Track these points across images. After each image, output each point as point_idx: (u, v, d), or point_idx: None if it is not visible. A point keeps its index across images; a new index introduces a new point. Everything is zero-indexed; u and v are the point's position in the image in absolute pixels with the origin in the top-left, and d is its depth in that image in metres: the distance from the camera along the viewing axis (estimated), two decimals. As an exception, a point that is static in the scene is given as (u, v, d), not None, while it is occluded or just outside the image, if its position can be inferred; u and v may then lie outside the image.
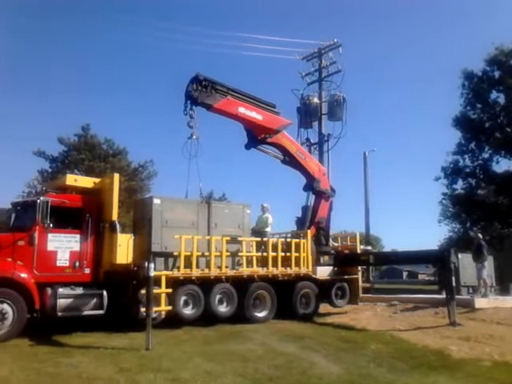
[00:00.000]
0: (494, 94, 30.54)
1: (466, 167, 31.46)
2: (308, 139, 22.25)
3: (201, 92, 12.88)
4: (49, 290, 10.21)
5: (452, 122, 31.07)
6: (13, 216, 11.18)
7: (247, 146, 14.78)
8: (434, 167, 42.59)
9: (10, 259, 10.05)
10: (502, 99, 30.19)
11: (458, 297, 13.25)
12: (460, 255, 16.62)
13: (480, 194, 30.97)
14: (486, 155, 31.11)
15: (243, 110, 13.62)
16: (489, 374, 7.51)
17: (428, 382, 6.92)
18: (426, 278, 51.31)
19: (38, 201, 10.44)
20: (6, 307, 9.56)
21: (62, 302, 10.22)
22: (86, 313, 10.59)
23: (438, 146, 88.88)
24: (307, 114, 22.39)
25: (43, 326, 10.56)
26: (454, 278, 12.33)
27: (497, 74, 29.73)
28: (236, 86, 13.77)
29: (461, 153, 31.44)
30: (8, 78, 58.32)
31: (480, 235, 16.87)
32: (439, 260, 13.45)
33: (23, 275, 10.01)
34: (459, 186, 31.92)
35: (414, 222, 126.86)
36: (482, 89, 30.16)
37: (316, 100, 23.05)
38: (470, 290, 16.66)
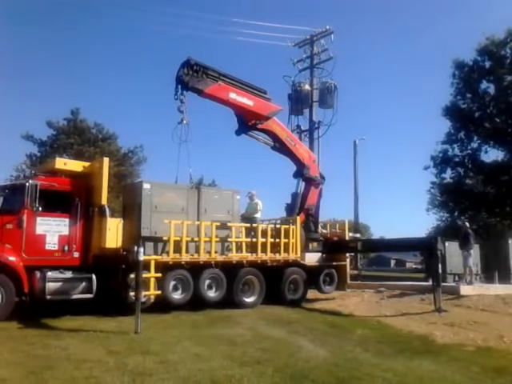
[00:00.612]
0: (484, 84, 30.79)
1: (454, 156, 31.72)
2: (298, 126, 22.27)
3: (192, 77, 12.80)
4: (37, 274, 10.20)
5: (442, 111, 31.28)
6: (1, 199, 11.11)
7: (238, 132, 14.77)
8: (424, 156, 42.89)
9: (-2, 242, 10.02)
10: (491, 89, 30.42)
11: (443, 284, 13.47)
12: (447, 243, 16.87)
13: (468, 183, 31.30)
14: (474, 145, 31.42)
15: (234, 96, 13.58)
16: (472, 358, 7.68)
17: (412, 366, 7.05)
18: (414, 266, 51.96)
19: (27, 184, 10.39)
20: (-6, 290, 9.56)
21: (50, 286, 10.22)
22: (75, 296, 10.61)
23: (428, 136, 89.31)
24: (298, 101, 22.38)
25: (32, 309, 10.55)
26: (440, 266, 12.50)
27: (487, 64, 29.90)
28: (227, 72, 13.73)
29: (450, 142, 31.68)
30: (-4, 59, 57.45)
31: (467, 224, 17.09)
32: (426, 247, 13.65)
33: (11, 258, 10.00)
34: (448, 175, 32.26)
35: (403, 211, 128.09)
36: (473, 79, 30.30)
37: (307, 87, 23.03)
38: (456, 278, 16.94)
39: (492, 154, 30.97)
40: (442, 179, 32.50)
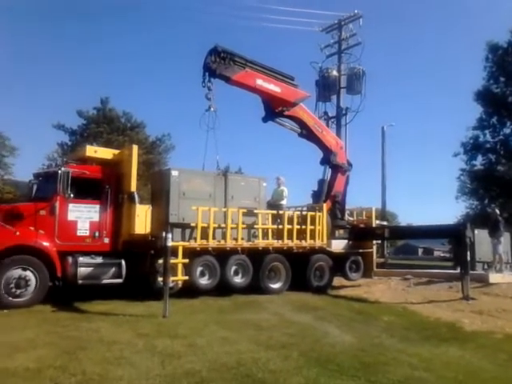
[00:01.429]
0: (519, 67, 29.85)
1: (486, 143, 31.06)
2: (326, 113, 22.17)
3: (219, 64, 12.83)
4: (70, 259, 10.52)
5: (474, 96, 30.57)
6: (34, 186, 11.46)
7: (264, 119, 14.77)
8: (454, 143, 42.03)
9: (32, 228, 10.36)
10: (526, 72, 29.50)
11: (472, 272, 13.28)
12: (476, 231, 16.54)
13: (499, 170, 30.56)
14: (507, 130, 30.69)
15: (261, 82, 13.57)
16: (499, 345, 7.63)
17: (438, 352, 7.04)
18: (442, 255, 51.22)
19: (59, 171, 10.68)
20: (30, 274, 9.92)
21: (82, 271, 10.53)
22: (105, 281, 10.89)
23: (459, 122, 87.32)
24: (325, 87, 22.25)
25: (65, 293, 10.89)
26: (468, 253, 12.32)
27: (523, 45, 29.01)
28: (254, 58, 13.72)
29: (481, 128, 31.01)
30: (27, 50, 58.65)
31: (497, 211, 16.75)
32: (455, 234, 13.46)
33: (45, 244, 10.33)
34: (478, 161, 31.64)
35: (431, 199, 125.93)
36: (507, 62, 29.49)
37: (335, 73, 22.84)
38: (485, 266, 16.64)
39: (525, 140, 30.19)
40: (472, 166, 31.92)
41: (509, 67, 29.64)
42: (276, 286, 12.88)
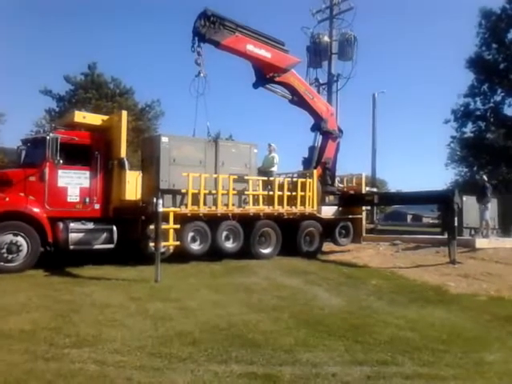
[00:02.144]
0: (511, 34, 29.65)
1: (476, 110, 31.09)
2: (317, 79, 21.93)
3: (209, 28, 12.58)
4: (60, 225, 10.52)
5: (466, 63, 30.43)
6: (23, 153, 11.36)
7: (255, 85, 14.61)
8: (444, 110, 42.04)
9: (22, 194, 10.33)
10: (519, 39, 29.34)
11: (459, 237, 13.52)
12: (464, 197, 16.78)
13: (489, 137, 30.76)
14: (498, 98, 30.73)
15: (252, 48, 13.36)
16: (484, 307, 7.86)
17: (424, 314, 7.25)
18: (430, 221, 51.81)
19: (48, 137, 10.56)
20: (21, 240, 9.95)
21: (73, 236, 10.56)
22: (96, 247, 10.94)
23: (450, 89, 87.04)
24: (317, 53, 21.96)
25: (56, 259, 10.96)
26: (456, 219, 12.51)
27: (516, 11, 28.73)
28: (245, 23, 13.47)
29: (472, 95, 30.98)
30: (12, 15, 56.99)
31: (485, 177, 16.96)
32: (443, 200, 13.64)
33: (35, 209, 10.31)
34: (468, 129, 31.72)
35: (421, 166, 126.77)
36: (500, 28, 29.27)
37: (326, 39, 22.52)
38: (472, 232, 16.94)
39: (516, 108, 30.24)
40: (462, 133, 32.03)
41: (501, 33, 29.45)
42: (267, 251, 13.05)
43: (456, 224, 12.51)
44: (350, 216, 15.07)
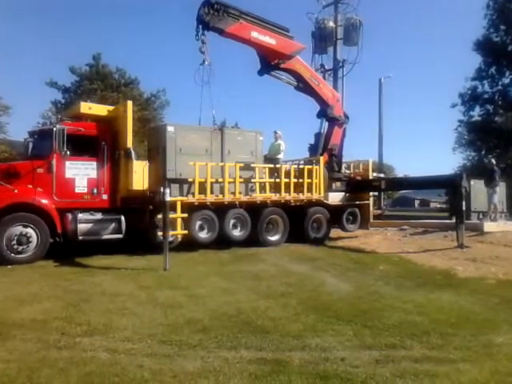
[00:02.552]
0: (519, 15, 29.22)
1: (484, 93, 30.77)
2: (322, 65, 21.73)
3: (213, 16, 12.51)
4: (69, 216, 10.62)
5: (473, 45, 30.06)
6: (30, 145, 11.42)
7: (260, 72, 14.55)
8: (452, 94, 41.64)
9: (30, 186, 10.41)
10: (527, 20, 28.89)
11: (467, 221, 13.48)
12: (472, 181, 16.69)
13: (497, 121, 30.42)
14: (506, 80, 30.37)
15: (256, 35, 13.28)
16: (492, 290, 7.85)
17: (432, 298, 7.25)
18: (438, 206, 51.54)
19: (55, 129, 10.61)
20: (30, 231, 10.06)
21: (82, 227, 10.66)
22: (105, 237, 11.05)
23: (457, 73, 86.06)
24: (322, 39, 21.76)
25: (66, 249, 11.06)
26: (464, 203, 12.47)
27: (525, -9, 28.29)
28: (249, 10, 13.37)
29: (480, 78, 30.63)
30: (16, 7, 56.86)
31: (493, 161, 16.83)
32: (451, 184, 13.58)
33: (44, 201, 10.40)
34: (476, 112, 31.40)
35: (429, 151, 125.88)
36: (508, 9, 28.83)
37: (331, 24, 22.28)
38: (480, 216, 16.85)
39: (524, 90, 29.92)
40: (470, 117, 31.72)
41: (510, 15, 28.98)
42: (274, 238, 13.09)
43: (464, 208, 12.49)
44: (357, 202, 15.07)
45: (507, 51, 29.28)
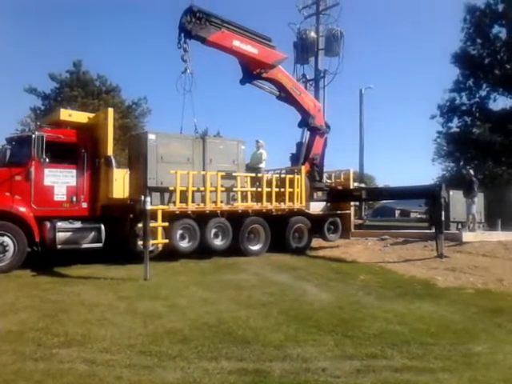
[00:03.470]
0: (495, 29, 30.09)
1: (462, 105, 31.33)
2: (304, 75, 21.89)
3: (195, 24, 12.52)
4: (48, 224, 10.41)
5: (451, 58, 30.65)
6: (8, 152, 11.19)
7: (242, 81, 14.59)
8: (431, 105, 42.34)
9: (8, 194, 10.20)
10: (503, 34, 29.67)
11: (446, 231, 13.64)
12: (451, 192, 16.91)
13: (475, 132, 30.98)
14: (483, 93, 30.96)
15: (238, 44, 13.34)
16: (471, 300, 7.95)
17: (413, 308, 7.31)
18: (418, 216, 52.23)
19: (33, 136, 10.42)
20: (7, 240, 9.84)
21: (61, 236, 10.46)
22: (84, 246, 10.84)
23: (436, 84, 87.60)
24: (304, 49, 21.93)
25: (44, 258, 10.86)
26: (443, 213, 12.62)
27: (500, 7, 29.08)
28: (231, 19, 13.43)
29: (458, 90, 31.20)
30: (-6, 10, 56.11)
31: (471, 171, 17.12)
32: (430, 195, 13.76)
33: (22, 209, 10.20)
34: (454, 124, 31.96)
35: (409, 162, 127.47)
36: (484, 23, 29.50)
37: (313, 34, 22.49)
38: (459, 226, 17.10)
39: (500, 102, 30.60)
40: (448, 128, 32.26)
41: (486, 29, 29.69)
42: (256, 247, 13.05)
43: (443, 218, 12.63)
44: (339, 212, 15.13)
45: (484, 64, 29.93)
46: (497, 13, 29.12)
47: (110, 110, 11.45)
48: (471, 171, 17.22)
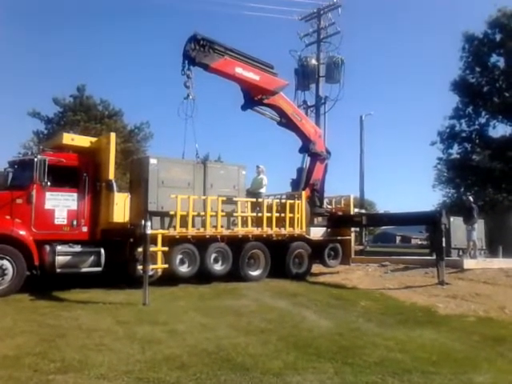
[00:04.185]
0: (494, 58, 30.47)
1: (462, 132, 31.54)
2: (305, 101, 22.26)
3: (198, 52, 12.75)
4: (47, 248, 10.38)
5: (450, 86, 30.99)
6: (10, 175, 11.26)
7: (244, 107, 14.76)
8: (431, 132, 42.62)
9: (8, 217, 10.20)
10: (501, 63, 30.07)
11: (447, 258, 13.59)
12: (452, 218, 16.92)
13: (475, 159, 31.10)
14: (482, 120, 31.20)
15: (240, 71, 13.54)
16: (472, 328, 7.87)
17: (414, 335, 7.23)
18: (419, 243, 52.04)
19: (36, 159, 10.49)
20: (6, 263, 9.79)
21: (60, 259, 10.42)
22: (84, 270, 10.80)
23: (436, 111, 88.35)
24: (305, 76, 22.32)
25: (43, 282, 10.79)
26: (444, 240, 12.59)
27: (498, 36, 29.49)
28: (234, 46, 13.66)
29: (457, 117, 31.46)
30: (2, 37, 57.17)
31: (471, 198, 17.14)
32: (431, 221, 13.74)
33: (22, 232, 10.19)
34: (455, 150, 32.11)
35: (409, 188, 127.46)
36: (482, 52, 29.92)
37: (314, 62, 22.92)
38: (460, 252, 17.03)
39: (500, 130, 30.82)
40: (448, 155, 32.39)
41: (484, 57, 30.10)
42: (256, 273, 12.98)
43: (444, 245, 12.60)
44: (339, 237, 15.09)
45: (483, 92, 30.25)
46: (494, 42, 29.57)
47: (112, 135, 11.54)
48: (470, 198, 17.24)
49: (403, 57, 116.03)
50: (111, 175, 11.22)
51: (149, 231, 9.49)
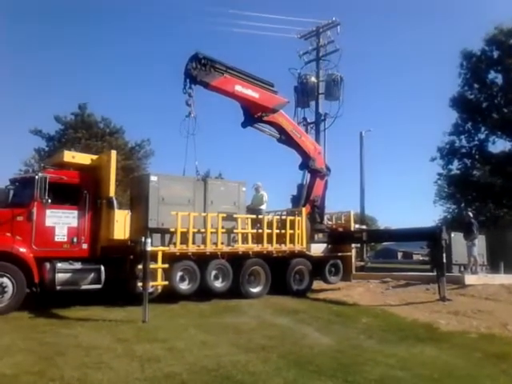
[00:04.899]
0: (492, 75, 30.74)
1: (461, 147, 31.67)
2: (305, 118, 22.35)
3: (200, 70, 12.87)
4: (47, 265, 10.37)
5: (449, 102, 31.22)
6: (11, 192, 11.31)
7: (244, 125, 14.85)
8: (431, 148, 42.70)
9: (8, 234, 10.21)
10: (499, 79, 30.32)
11: (448, 274, 13.54)
12: (452, 234, 16.88)
13: (475, 174, 31.18)
14: (482, 136, 31.34)
15: (240, 89, 13.65)
16: (474, 345, 7.82)
17: (415, 352, 7.19)
18: (421, 258, 51.71)
19: (37, 177, 10.55)
20: (6, 281, 9.76)
21: (60, 277, 10.40)
22: (84, 287, 10.77)
23: (435, 127, 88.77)
24: (304, 94, 22.46)
25: (42, 299, 10.76)
26: (445, 255, 12.56)
27: (495, 53, 29.77)
28: (234, 65, 13.80)
29: (457, 133, 31.62)
30: (4, 56, 57.80)
31: (470, 214, 17.15)
32: (431, 237, 13.69)
33: (22, 250, 10.18)
34: (455, 166, 32.20)
35: (410, 203, 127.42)
36: (480, 69, 30.18)
37: (313, 79, 23.08)
38: (461, 268, 16.95)
39: (499, 145, 30.94)
40: (448, 170, 32.47)
41: (482, 74, 30.36)
42: (256, 290, 12.92)
43: (445, 260, 12.56)
44: (340, 254, 15.05)
45: (482, 108, 30.45)
46: (492, 59, 29.85)
47: (113, 153, 11.62)
48: (470, 213, 17.26)
49: (402, 73, 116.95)
50: (112, 192, 11.27)
51: (149, 248, 9.49)
